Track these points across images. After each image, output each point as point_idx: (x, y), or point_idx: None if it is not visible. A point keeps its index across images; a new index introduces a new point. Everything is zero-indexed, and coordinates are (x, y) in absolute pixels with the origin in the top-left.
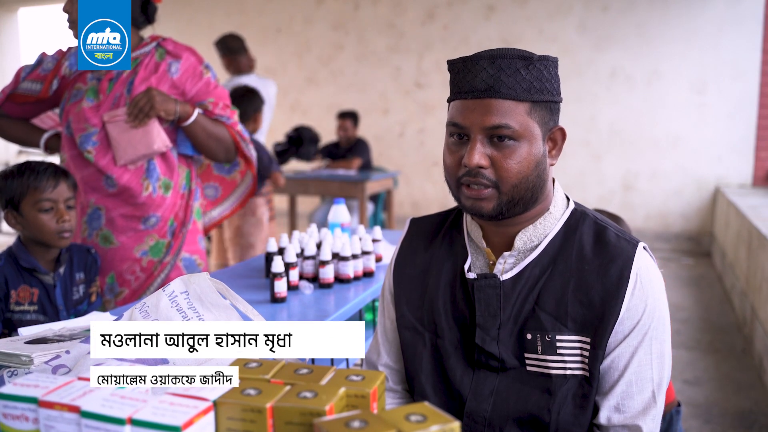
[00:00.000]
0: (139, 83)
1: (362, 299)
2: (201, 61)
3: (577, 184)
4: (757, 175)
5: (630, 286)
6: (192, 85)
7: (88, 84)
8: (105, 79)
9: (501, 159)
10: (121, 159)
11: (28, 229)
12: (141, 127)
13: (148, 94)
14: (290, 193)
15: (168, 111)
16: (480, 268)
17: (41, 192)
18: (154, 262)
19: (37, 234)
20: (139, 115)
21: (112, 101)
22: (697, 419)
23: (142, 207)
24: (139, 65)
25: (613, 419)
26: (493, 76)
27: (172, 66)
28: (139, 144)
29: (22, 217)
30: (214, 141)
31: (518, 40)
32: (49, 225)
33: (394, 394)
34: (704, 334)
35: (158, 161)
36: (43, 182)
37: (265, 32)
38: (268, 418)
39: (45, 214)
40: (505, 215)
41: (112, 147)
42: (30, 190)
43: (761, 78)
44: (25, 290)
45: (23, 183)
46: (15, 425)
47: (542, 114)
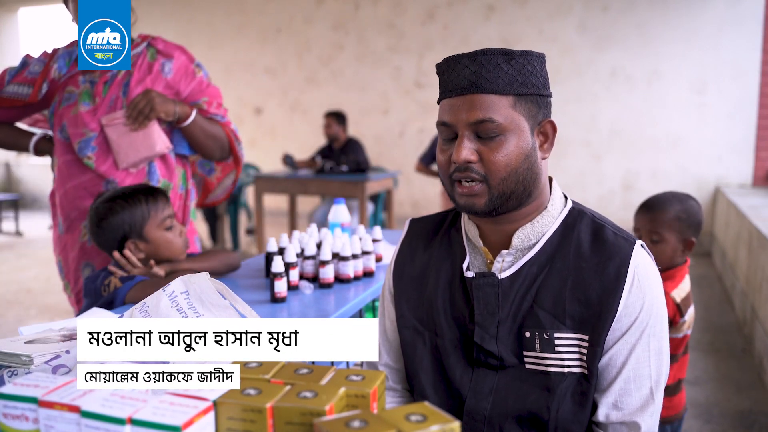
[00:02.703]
0: (135, 85)
1: (362, 299)
2: (192, 59)
3: (577, 184)
4: (757, 175)
5: (627, 283)
6: (186, 85)
7: (81, 87)
8: (100, 82)
9: (488, 153)
10: (123, 162)
11: (155, 252)
12: (141, 130)
13: (148, 95)
14: (290, 193)
15: (168, 112)
16: (478, 267)
17: (162, 211)
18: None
19: (167, 253)
20: (138, 117)
21: (109, 104)
22: (697, 419)
23: None
24: (132, 66)
25: (612, 416)
26: (474, 72)
27: (165, 66)
28: (140, 147)
29: (147, 243)
30: (211, 140)
31: (518, 40)
32: (177, 241)
33: (394, 393)
34: (704, 334)
35: (158, 163)
36: (160, 203)
37: (265, 32)
38: (268, 418)
39: (170, 232)
40: (499, 211)
41: (112, 151)
42: (152, 214)
43: (761, 78)
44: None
45: (143, 209)
46: (15, 425)
47: (528, 107)
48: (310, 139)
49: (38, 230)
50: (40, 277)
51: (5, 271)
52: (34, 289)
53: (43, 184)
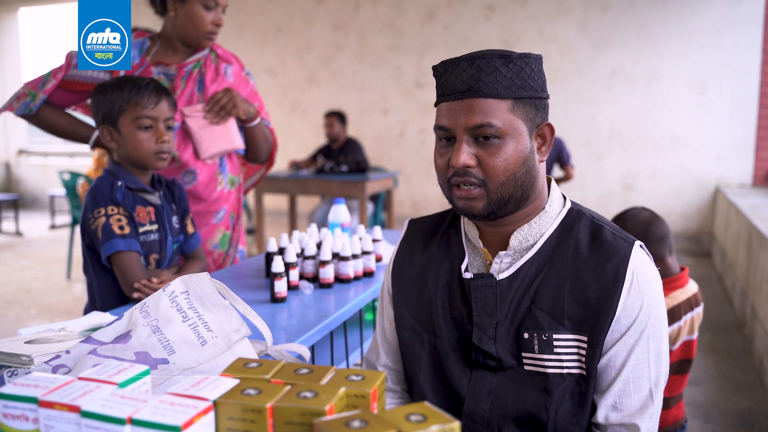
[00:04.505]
0: (209, 83)
1: (362, 299)
2: (243, 67)
3: (577, 184)
4: (757, 175)
5: (626, 284)
6: (242, 91)
7: (157, 79)
8: (178, 76)
9: (487, 157)
10: (204, 153)
11: (124, 148)
12: (221, 125)
13: (230, 93)
14: (290, 192)
15: (245, 111)
16: (477, 267)
17: (141, 108)
18: (222, 253)
19: (134, 153)
20: (220, 112)
21: (186, 98)
22: (697, 419)
23: (215, 202)
24: (203, 66)
25: (611, 418)
26: (473, 77)
27: (227, 70)
28: (221, 140)
29: (119, 133)
30: (265, 143)
31: (518, 41)
32: (147, 144)
33: (393, 395)
34: (704, 334)
35: (226, 158)
36: (144, 98)
37: (265, 32)
38: (268, 418)
39: (144, 132)
40: (498, 214)
41: (194, 141)
42: (130, 105)
43: (761, 78)
44: (142, 210)
45: (123, 97)
46: (15, 425)
47: (526, 110)
48: (310, 139)
49: (38, 230)
50: (40, 277)
51: (5, 271)
52: (34, 289)
53: (43, 184)
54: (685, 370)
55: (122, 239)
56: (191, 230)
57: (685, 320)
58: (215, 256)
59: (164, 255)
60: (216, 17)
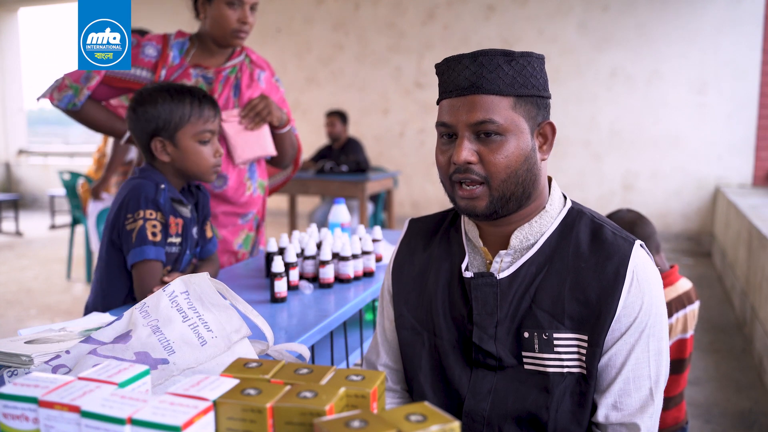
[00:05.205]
0: (245, 89)
1: (362, 299)
2: (273, 73)
3: (577, 184)
4: (757, 175)
5: (626, 283)
6: (273, 97)
7: (194, 81)
8: (216, 80)
9: (488, 154)
10: (239, 158)
11: (180, 162)
12: (255, 130)
13: (266, 100)
14: (290, 192)
15: (279, 118)
16: (477, 267)
17: (204, 122)
18: (246, 254)
19: (193, 167)
20: (255, 118)
21: (223, 102)
22: (697, 419)
23: (244, 205)
24: (239, 71)
25: (611, 417)
26: (475, 73)
27: (260, 76)
28: (255, 145)
29: (174, 146)
30: (291, 149)
31: (518, 41)
32: (208, 158)
33: (393, 394)
34: (704, 334)
35: (256, 163)
36: (205, 111)
37: (265, 32)
38: (268, 418)
39: (204, 146)
40: (500, 213)
41: (228, 146)
42: (192, 119)
43: (761, 78)
44: (173, 221)
45: (185, 110)
46: (15, 425)
47: (528, 108)
48: (311, 138)
49: (38, 230)
50: (40, 277)
51: (5, 271)
52: (34, 289)
53: (43, 184)
54: (680, 370)
55: (153, 247)
56: (209, 234)
57: (676, 318)
58: (239, 256)
59: (177, 268)
60: (242, 15)
